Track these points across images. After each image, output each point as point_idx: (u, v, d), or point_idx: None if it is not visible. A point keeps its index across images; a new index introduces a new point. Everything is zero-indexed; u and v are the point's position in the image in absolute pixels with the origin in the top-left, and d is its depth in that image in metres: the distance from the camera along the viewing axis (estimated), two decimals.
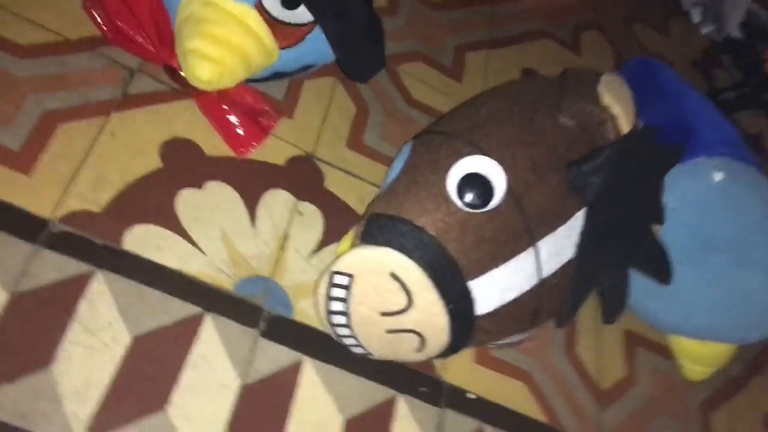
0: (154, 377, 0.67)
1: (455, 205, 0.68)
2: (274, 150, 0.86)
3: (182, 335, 0.70)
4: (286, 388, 0.73)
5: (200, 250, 0.75)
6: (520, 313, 0.74)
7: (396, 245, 0.67)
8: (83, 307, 0.67)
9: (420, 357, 0.74)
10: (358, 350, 0.74)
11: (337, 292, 0.69)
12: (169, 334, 0.69)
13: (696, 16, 1.57)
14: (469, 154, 0.70)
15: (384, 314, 0.69)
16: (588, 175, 0.71)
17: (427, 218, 0.68)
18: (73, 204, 0.71)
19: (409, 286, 0.67)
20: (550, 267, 0.72)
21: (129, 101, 0.80)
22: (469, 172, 0.69)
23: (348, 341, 0.73)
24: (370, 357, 0.75)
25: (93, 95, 0.78)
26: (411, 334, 0.70)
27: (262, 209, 0.81)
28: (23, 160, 0.71)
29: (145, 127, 0.79)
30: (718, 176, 0.88)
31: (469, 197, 0.68)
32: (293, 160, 0.87)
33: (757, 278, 0.85)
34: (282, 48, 0.78)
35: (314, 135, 0.91)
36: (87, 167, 0.74)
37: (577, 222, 0.73)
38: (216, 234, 0.77)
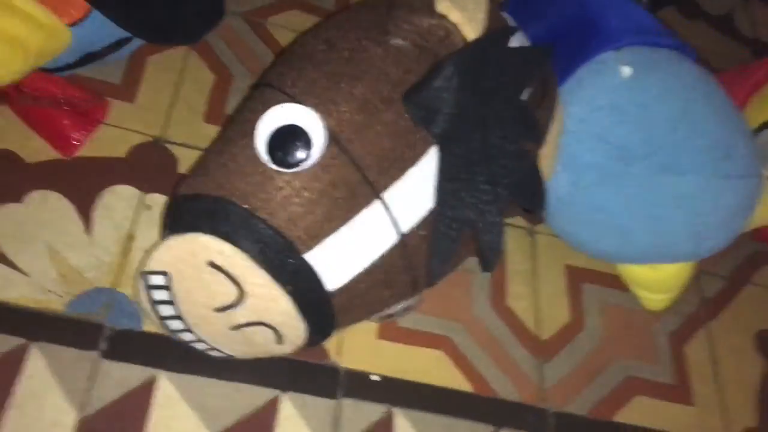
0: None
1: (269, 168, 0.57)
2: (112, 141, 0.76)
3: (1, 374, 0.61)
4: (136, 411, 0.63)
5: (22, 272, 0.66)
6: (390, 278, 0.62)
7: (207, 228, 0.56)
8: None
9: (286, 349, 0.63)
10: (216, 353, 0.64)
11: (159, 295, 0.59)
12: None
13: None
14: (276, 104, 0.58)
15: (218, 310, 0.58)
16: (430, 101, 0.58)
17: (240, 189, 0.57)
18: None
19: (233, 273, 0.56)
20: (409, 219, 0.60)
21: None
22: (279, 125, 0.57)
23: (199, 346, 0.63)
24: (233, 358, 0.64)
25: None
26: (261, 327, 0.59)
27: (99, 211, 0.71)
28: None
29: None
30: (625, 71, 0.73)
31: (282, 155, 0.56)
32: (138, 149, 0.77)
33: (689, 182, 0.71)
34: (71, 24, 0.67)
35: (163, 115, 0.80)
36: None
37: (431, 161, 0.60)
38: (41, 250, 0.67)
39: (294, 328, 0.60)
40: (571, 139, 0.73)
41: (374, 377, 0.71)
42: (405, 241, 0.61)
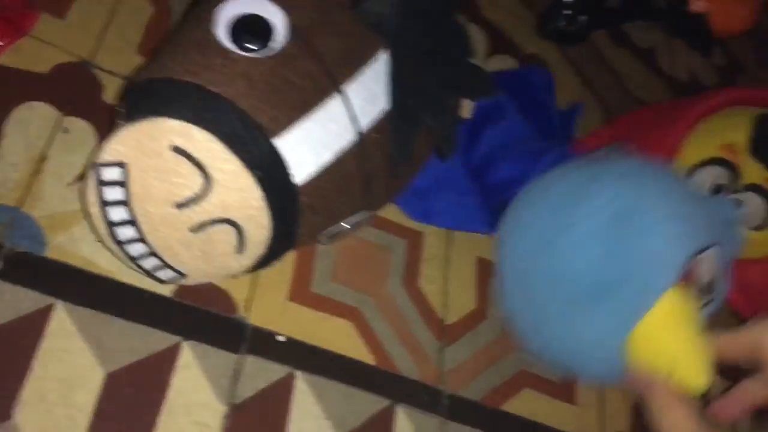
0: None
1: (232, 52, 0.56)
2: (35, 55, 0.71)
3: None
4: (26, 338, 0.59)
5: None
6: (347, 180, 0.63)
7: (169, 111, 0.54)
8: None
9: (244, 263, 0.60)
10: (166, 274, 0.60)
11: (112, 194, 0.55)
12: None
13: None
14: None
15: (180, 206, 0.55)
16: (378, 8, 0.61)
17: (203, 72, 0.55)
18: None
19: (199, 157, 0.54)
20: (366, 118, 0.62)
21: None
22: (241, 13, 0.57)
23: (149, 262, 0.59)
24: (183, 281, 0.62)
25: None
26: (223, 226, 0.57)
27: (12, 125, 0.67)
28: None
29: None
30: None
31: (246, 39, 0.56)
32: (62, 68, 0.72)
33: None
34: None
35: (94, 38, 0.75)
36: None
37: (382, 65, 0.63)
38: None
39: (260, 228, 0.58)
40: None
41: (280, 338, 0.70)
42: (363, 141, 0.61)
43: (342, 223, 0.67)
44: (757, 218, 0.89)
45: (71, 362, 0.60)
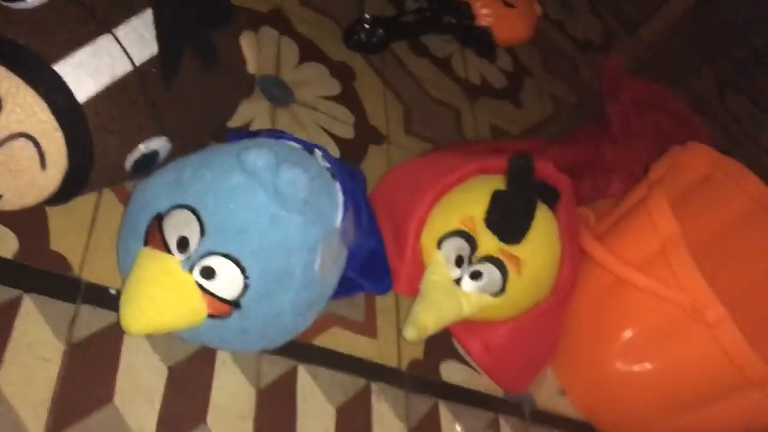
0: None
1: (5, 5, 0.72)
2: None
3: None
4: None
5: None
6: (133, 104, 0.79)
7: None
8: None
9: (51, 177, 0.74)
10: None
11: None
12: None
13: None
14: None
15: None
16: None
17: None
18: None
19: None
20: (140, 54, 0.79)
21: None
22: None
23: None
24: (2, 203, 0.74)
25: None
26: (21, 141, 0.71)
27: None
28: None
29: None
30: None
31: None
32: None
33: None
34: None
35: None
36: None
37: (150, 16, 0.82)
38: None
39: (55, 142, 0.72)
40: None
41: (112, 291, 0.84)
42: (140, 73, 0.78)
43: (140, 146, 0.81)
44: (495, 285, 0.97)
45: None
